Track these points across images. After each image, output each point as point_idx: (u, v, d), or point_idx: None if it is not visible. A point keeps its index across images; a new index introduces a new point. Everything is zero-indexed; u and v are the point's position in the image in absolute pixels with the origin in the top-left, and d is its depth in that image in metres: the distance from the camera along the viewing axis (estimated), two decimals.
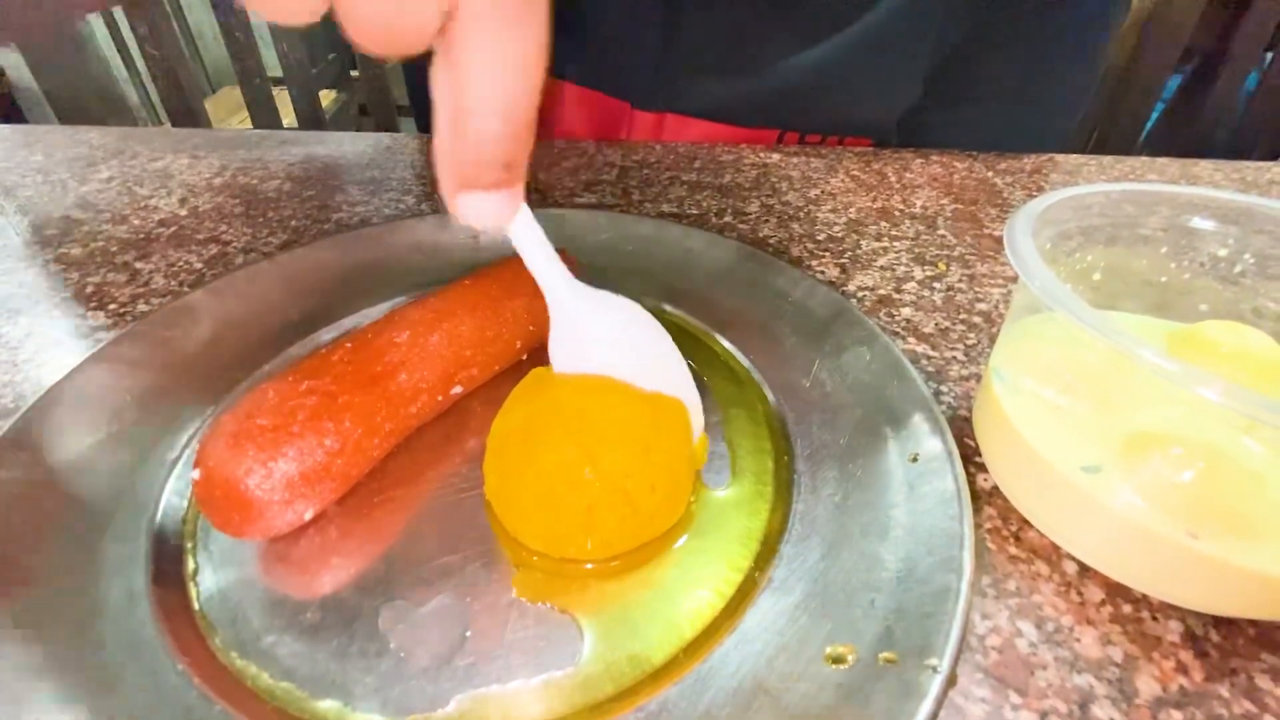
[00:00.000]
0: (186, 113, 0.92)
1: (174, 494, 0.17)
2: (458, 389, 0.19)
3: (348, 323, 0.23)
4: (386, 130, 0.83)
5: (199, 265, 0.28)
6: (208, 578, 0.15)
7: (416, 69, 0.47)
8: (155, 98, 2.86)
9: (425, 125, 0.52)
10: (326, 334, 0.22)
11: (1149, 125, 1.18)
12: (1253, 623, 0.15)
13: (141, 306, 0.25)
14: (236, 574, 0.15)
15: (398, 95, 0.90)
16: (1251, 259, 0.18)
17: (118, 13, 2.42)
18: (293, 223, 0.31)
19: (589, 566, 0.15)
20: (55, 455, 0.16)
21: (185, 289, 0.26)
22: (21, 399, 0.21)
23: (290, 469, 0.15)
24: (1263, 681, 0.14)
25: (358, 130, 1.94)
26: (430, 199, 0.33)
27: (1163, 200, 0.19)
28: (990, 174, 0.37)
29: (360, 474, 0.17)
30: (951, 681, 0.12)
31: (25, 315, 0.25)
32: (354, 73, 1.62)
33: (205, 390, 0.20)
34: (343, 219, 0.32)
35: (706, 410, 0.20)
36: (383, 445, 0.17)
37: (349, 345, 0.17)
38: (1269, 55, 1.05)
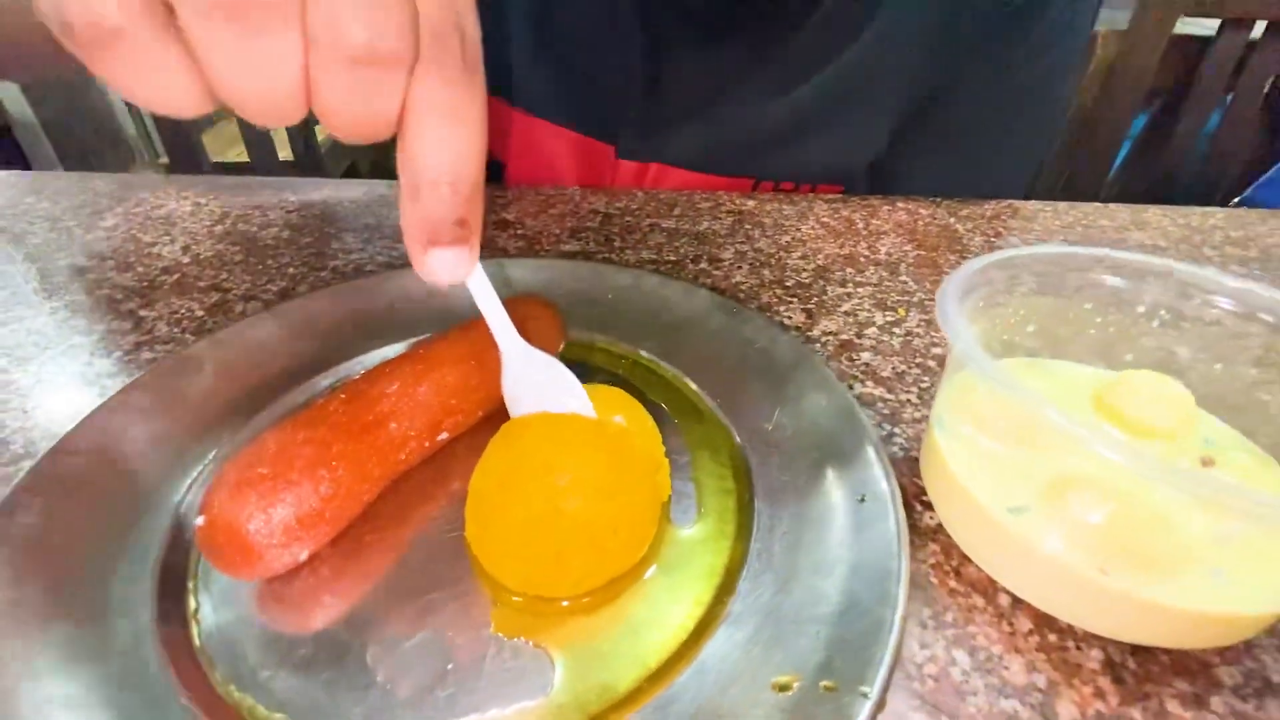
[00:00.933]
0: (185, 147, 0.94)
1: (177, 537, 0.18)
2: (443, 435, 0.20)
3: (344, 369, 0.24)
4: (380, 165, 0.85)
5: (200, 313, 0.29)
6: (208, 616, 0.16)
7: None
8: (153, 131, 2.90)
9: None
10: (323, 380, 0.24)
11: (1117, 163, 1.22)
12: (1167, 651, 0.16)
13: (146, 354, 0.27)
14: (235, 612, 0.17)
15: None
16: (1166, 313, 0.20)
17: None
18: (290, 270, 0.33)
19: (563, 604, 0.17)
20: (68, 501, 0.18)
21: (188, 336, 0.28)
22: (32, 444, 0.22)
23: (288, 514, 0.16)
24: (1173, 706, 0.15)
25: (352, 164, 1.99)
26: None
27: (1081, 261, 0.21)
28: (952, 220, 0.40)
29: (351, 517, 0.18)
30: (881, 706, 0.14)
31: (34, 362, 0.26)
32: None
33: (207, 436, 0.21)
34: (339, 266, 0.33)
35: (676, 452, 0.21)
36: (372, 490, 0.18)
37: (343, 396, 0.19)
38: (1229, 96, 1.10)
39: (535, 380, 0.19)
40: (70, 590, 0.16)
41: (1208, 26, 1.04)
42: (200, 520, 0.16)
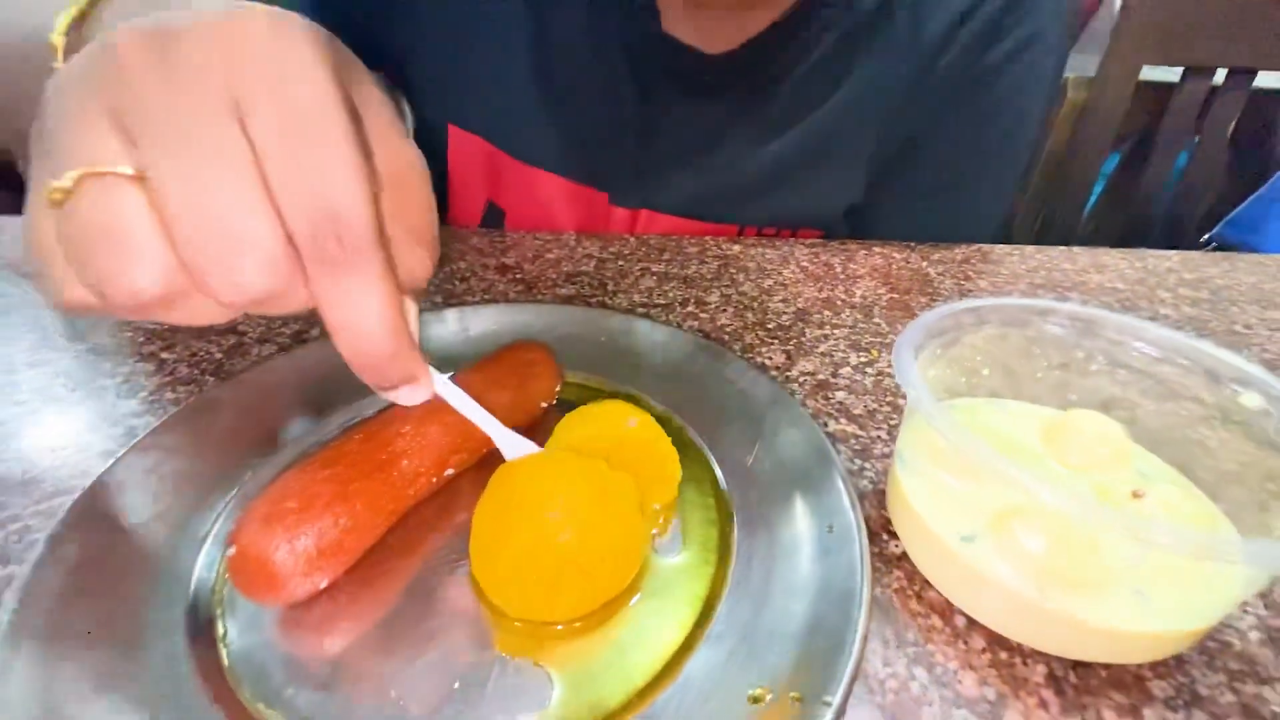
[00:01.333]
0: None
1: (204, 567, 0.20)
2: (450, 471, 0.22)
3: (355, 409, 0.26)
4: None
5: (219, 355, 0.31)
6: (235, 640, 0.18)
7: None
8: None
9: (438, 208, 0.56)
10: (336, 419, 0.26)
11: (1091, 203, 1.26)
12: (1105, 666, 0.18)
13: (168, 395, 0.28)
14: (260, 636, 0.18)
15: None
16: (1103, 359, 0.23)
17: None
18: (302, 315, 0.35)
19: (558, 627, 0.18)
20: (106, 533, 0.19)
21: (208, 378, 0.29)
22: (62, 482, 0.24)
23: (310, 545, 0.18)
24: (1109, 715, 0.17)
25: None
26: (426, 290, 0.37)
27: (1026, 311, 0.23)
28: (925, 264, 0.42)
29: (366, 548, 0.20)
30: (842, 713, 0.15)
31: (63, 402, 0.28)
32: None
33: (230, 473, 0.23)
34: None
35: (679, 494, 0.23)
36: (386, 523, 0.20)
37: (359, 436, 0.21)
38: (1196, 138, 1.15)
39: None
40: (110, 616, 0.18)
41: (1172, 73, 1.09)
42: (231, 550, 0.18)
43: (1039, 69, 0.43)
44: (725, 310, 0.36)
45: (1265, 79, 1.08)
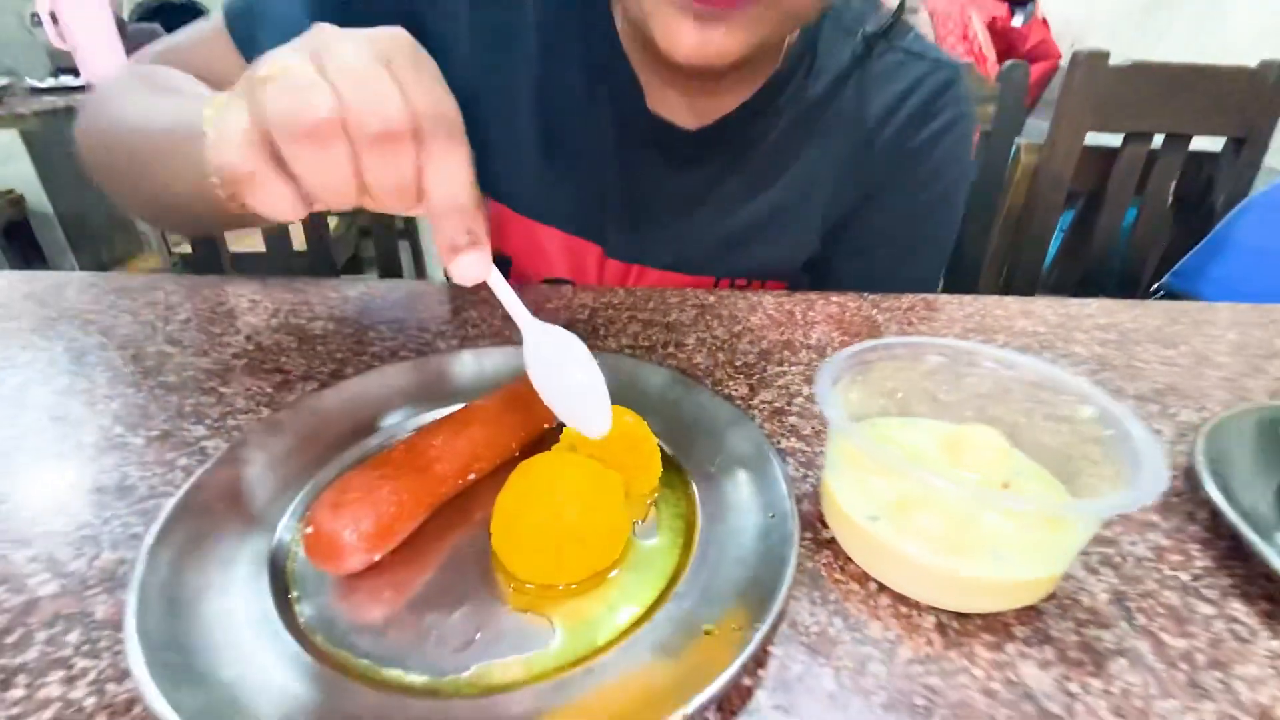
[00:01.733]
0: (208, 239, 1.03)
1: (279, 549, 0.25)
2: (472, 476, 0.28)
3: (391, 429, 0.32)
4: (385, 251, 0.95)
5: (269, 390, 0.37)
6: (305, 601, 0.23)
7: None
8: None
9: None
10: (374, 440, 0.31)
11: (1050, 257, 1.35)
12: (981, 616, 0.23)
13: (230, 422, 0.34)
14: (324, 598, 0.23)
15: (397, 221, 1.04)
16: (989, 384, 0.29)
17: None
18: (338, 355, 0.41)
19: (560, 588, 0.24)
20: (203, 524, 0.25)
21: (262, 408, 0.35)
22: (152, 489, 0.29)
23: (368, 527, 0.23)
24: (980, 650, 0.22)
25: (355, 254, 2.09)
26: (444, 336, 0.43)
27: (921, 348, 0.29)
28: (875, 311, 0.49)
29: (408, 531, 0.25)
30: (768, 639, 0.20)
31: (143, 428, 0.33)
32: None
33: (294, 480, 0.28)
34: (376, 351, 0.41)
35: (656, 491, 0.28)
36: (424, 512, 0.25)
37: (403, 447, 0.26)
38: (1141, 195, 1.24)
39: (549, 352, 0.26)
40: (212, 584, 0.23)
41: (1115, 138, 1.19)
42: (309, 530, 0.23)
43: (960, 146, 0.51)
44: (700, 351, 0.42)
45: (1199, 143, 1.18)
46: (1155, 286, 1.12)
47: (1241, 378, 0.41)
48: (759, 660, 0.21)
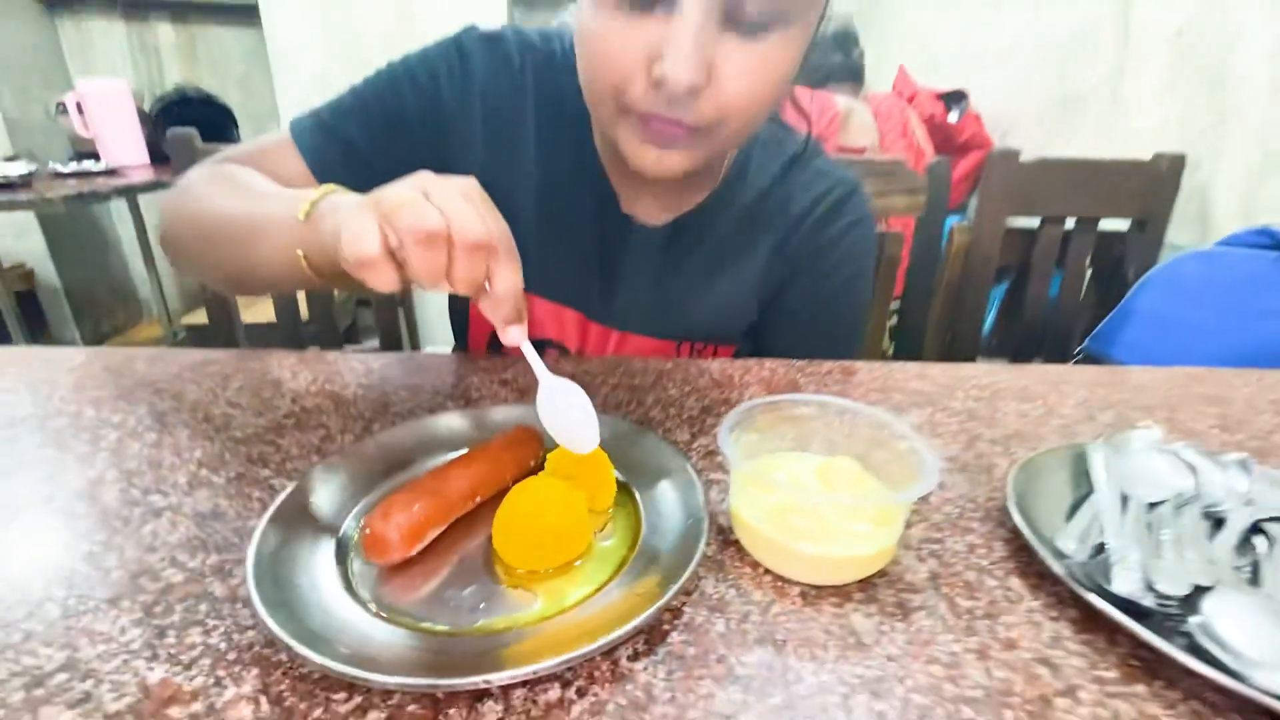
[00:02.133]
0: (223, 310, 1.13)
1: (342, 546, 0.35)
2: (478, 499, 0.38)
3: (419, 467, 0.42)
4: (386, 320, 1.07)
5: (315, 441, 0.47)
6: (360, 583, 0.33)
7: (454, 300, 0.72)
8: (167, 291, 3.12)
9: (461, 340, 0.75)
10: (405, 474, 0.42)
11: (989, 325, 1.50)
12: (832, 587, 0.34)
13: (289, 465, 0.44)
14: (373, 579, 0.33)
15: (396, 296, 1.17)
16: (846, 427, 0.40)
17: (147, 216, 2.73)
18: (367, 414, 0.51)
19: (541, 572, 0.34)
20: (290, 528, 0.35)
21: (312, 455, 0.45)
22: (240, 516, 0.39)
23: (405, 531, 0.33)
24: (827, 607, 0.32)
25: (353, 321, 2.22)
26: (451, 398, 0.54)
27: (798, 402, 0.40)
28: (799, 376, 0.60)
29: (434, 535, 0.35)
30: (682, 600, 0.31)
31: (223, 471, 0.44)
32: None
33: (349, 501, 0.38)
34: (398, 411, 0.52)
35: (612, 506, 0.39)
36: (444, 522, 0.36)
37: (428, 476, 0.37)
38: (1061, 269, 1.39)
39: (558, 395, 0.39)
40: (299, 566, 0.33)
41: (1034, 220, 1.35)
42: (367, 531, 0.33)
43: (864, 240, 0.64)
44: (656, 406, 0.53)
45: (1111, 222, 1.34)
46: (1077, 350, 1.25)
47: (1075, 425, 0.53)
48: (675, 614, 0.32)
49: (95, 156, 2.24)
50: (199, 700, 0.27)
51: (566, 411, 0.38)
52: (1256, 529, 0.38)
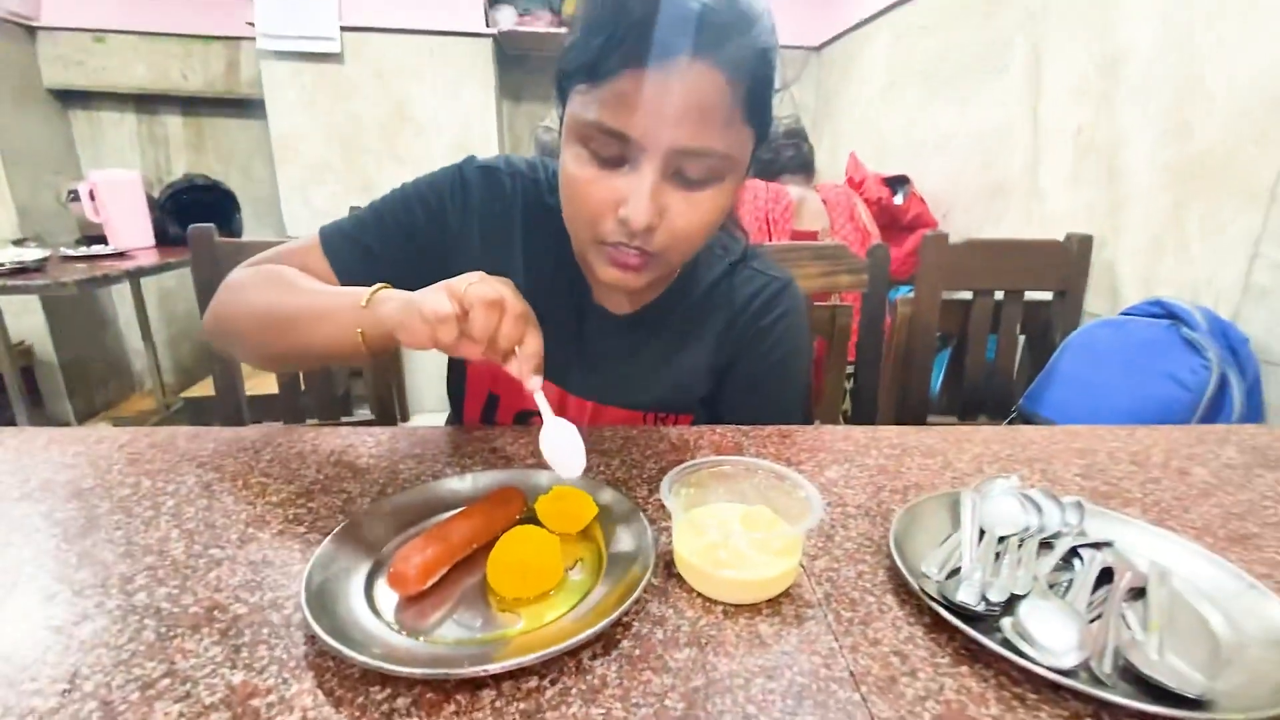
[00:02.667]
0: (229, 381, 1.23)
1: (366, 584, 0.45)
2: (474, 545, 0.48)
3: (426, 524, 0.52)
4: (378, 389, 1.18)
5: (339, 503, 0.57)
6: (385, 609, 0.43)
7: (451, 369, 0.83)
8: (164, 364, 3.21)
9: (458, 409, 0.85)
10: (416, 527, 0.52)
11: (936, 386, 1.63)
12: (750, 605, 0.44)
13: (319, 524, 0.54)
14: (395, 606, 0.43)
15: (389, 369, 1.28)
16: (761, 482, 0.51)
17: (148, 295, 2.84)
18: (380, 481, 0.62)
19: (524, 599, 0.44)
20: (333, 561, 0.45)
21: (338, 515, 0.55)
22: (285, 563, 0.49)
23: (420, 569, 0.44)
24: (740, 618, 0.43)
25: (346, 390, 2.32)
26: (450, 464, 0.65)
27: (723, 461, 0.52)
28: (744, 440, 0.72)
29: (441, 572, 0.45)
30: (630, 617, 0.41)
31: (266, 529, 0.53)
32: None
33: (371, 550, 0.48)
34: (405, 477, 0.62)
35: (580, 548, 0.49)
36: (449, 563, 0.46)
37: (435, 528, 0.47)
38: (995, 335, 1.53)
39: (557, 432, 0.51)
40: (336, 598, 0.43)
41: (967, 293, 1.51)
42: (392, 569, 0.43)
43: (795, 328, 0.77)
44: (621, 468, 0.64)
45: (1031, 295, 1.50)
46: (1013, 410, 1.39)
47: (965, 476, 0.64)
48: (626, 627, 0.42)
49: (102, 240, 2.36)
50: (273, 694, 0.36)
51: (560, 445, 0.52)
52: (1075, 553, 0.49)
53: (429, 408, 2.96)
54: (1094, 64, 1.47)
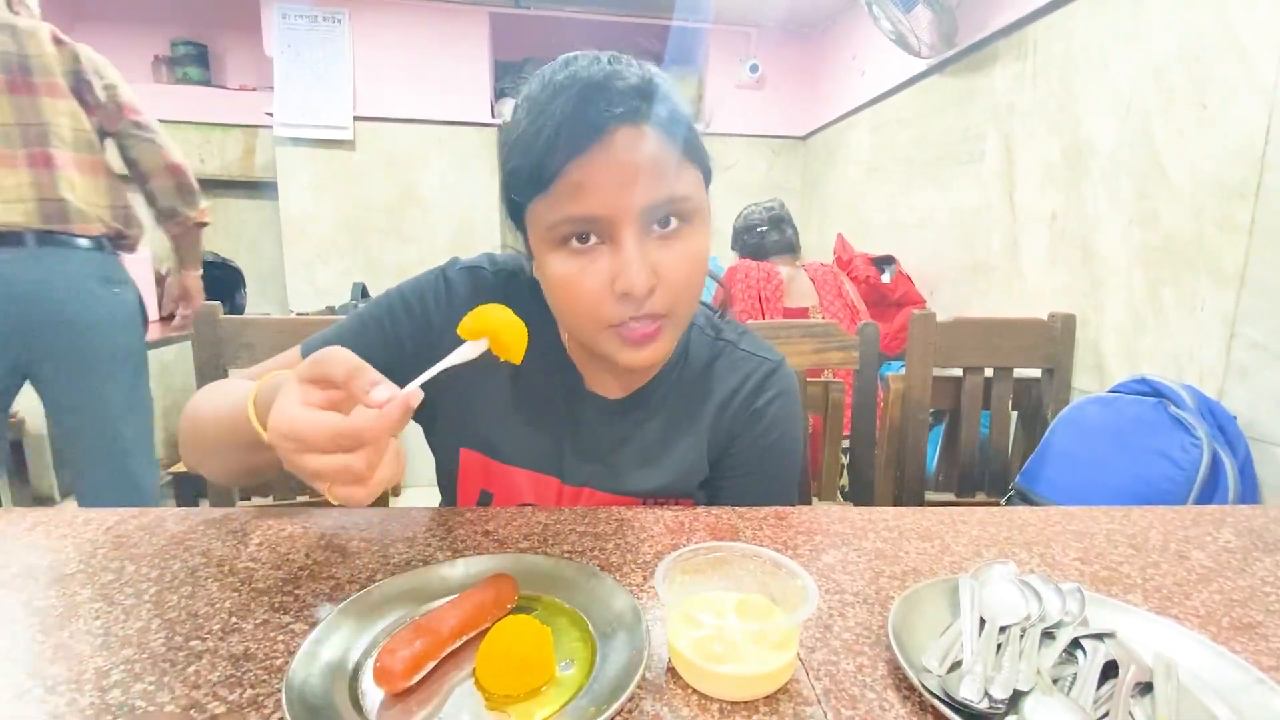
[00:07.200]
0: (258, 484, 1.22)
1: (350, 681, 0.43)
2: (466, 636, 0.47)
3: (417, 610, 0.51)
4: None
5: (327, 590, 0.56)
6: (370, 708, 0.41)
7: (440, 464, 0.82)
8: (157, 437, 3.17)
9: (450, 498, 0.84)
10: (405, 617, 0.51)
11: (933, 463, 1.63)
12: (744, 703, 0.43)
13: (305, 612, 0.53)
14: (379, 704, 0.42)
15: None
16: (755, 569, 0.51)
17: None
18: (370, 565, 0.61)
19: (515, 696, 0.43)
20: (308, 668, 0.43)
21: (324, 602, 0.54)
22: (266, 656, 0.47)
23: (407, 663, 0.43)
24: (737, 717, 0.41)
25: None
26: (441, 549, 0.64)
27: (716, 548, 0.51)
28: (739, 521, 0.71)
29: (429, 667, 0.44)
30: (629, 710, 0.40)
31: (250, 619, 0.52)
32: None
33: (356, 643, 0.47)
34: (395, 562, 0.61)
35: (573, 640, 0.48)
36: (437, 656, 0.45)
37: (423, 618, 0.46)
38: (987, 412, 1.54)
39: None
40: (317, 697, 0.41)
41: (957, 370, 1.53)
42: (377, 665, 0.42)
43: (787, 408, 0.78)
44: (615, 552, 0.63)
45: (1020, 372, 1.52)
46: (1010, 488, 1.38)
47: (963, 560, 0.64)
48: None
49: None
50: None
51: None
52: (1078, 644, 0.48)
53: (426, 481, 2.91)
54: (1062, 155, 1.56)
